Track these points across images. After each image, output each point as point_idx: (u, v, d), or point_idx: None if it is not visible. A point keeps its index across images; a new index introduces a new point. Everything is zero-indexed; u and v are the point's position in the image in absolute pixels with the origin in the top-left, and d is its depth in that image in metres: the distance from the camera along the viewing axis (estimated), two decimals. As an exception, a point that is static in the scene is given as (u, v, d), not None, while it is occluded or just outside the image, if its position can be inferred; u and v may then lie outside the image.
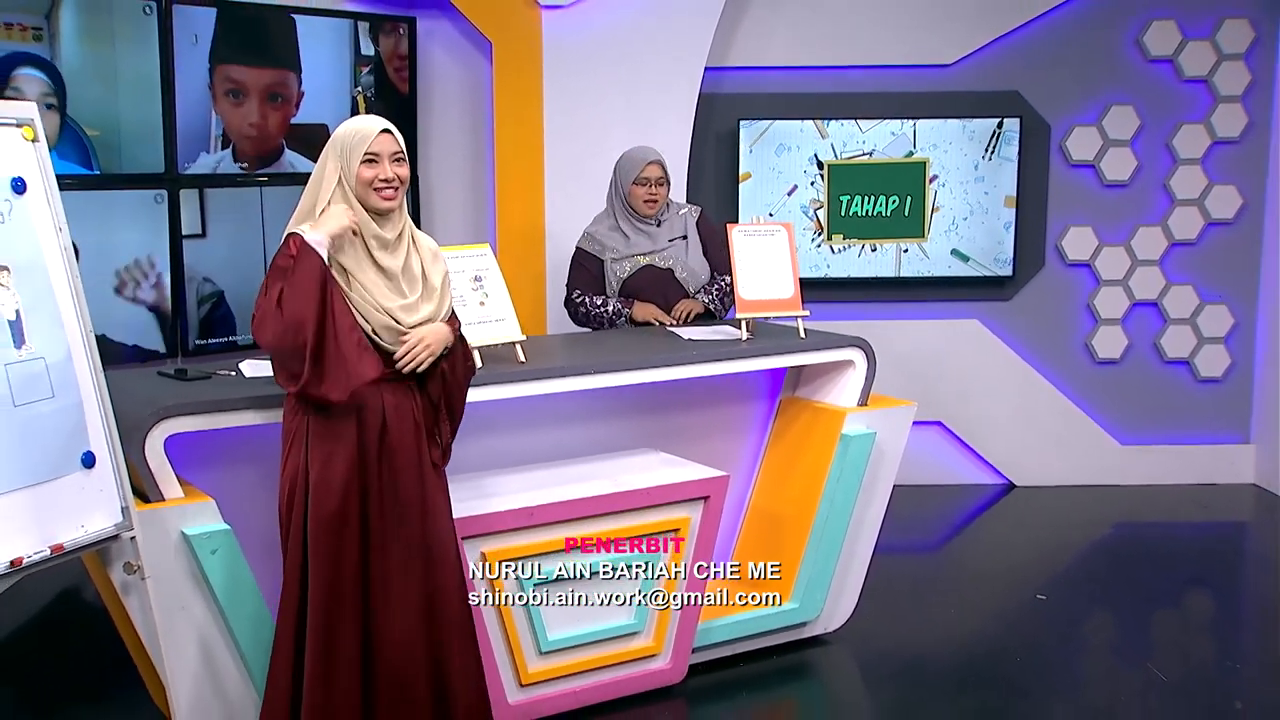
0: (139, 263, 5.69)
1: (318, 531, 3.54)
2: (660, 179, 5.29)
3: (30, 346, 3.41)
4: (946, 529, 6.62)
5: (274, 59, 6.07)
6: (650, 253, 5.29)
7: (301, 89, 6.19)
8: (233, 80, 5.94)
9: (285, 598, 3.60)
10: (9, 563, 3.28)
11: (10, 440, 3.31)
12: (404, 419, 3.66)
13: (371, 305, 3.55)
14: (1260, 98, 7.05)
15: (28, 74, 5.33)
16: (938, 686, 4.65)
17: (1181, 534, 6.55)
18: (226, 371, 4.13)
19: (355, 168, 3.56)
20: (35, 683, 4.86)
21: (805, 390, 5.10)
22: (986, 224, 7.00)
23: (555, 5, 6.43)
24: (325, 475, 3.54)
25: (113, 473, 3.55)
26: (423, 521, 3.70)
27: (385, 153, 3.58)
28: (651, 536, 4.39)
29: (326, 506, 3.54)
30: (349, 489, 3.57)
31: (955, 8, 6.90)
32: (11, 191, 3.45)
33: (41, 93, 5.34)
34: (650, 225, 5.33)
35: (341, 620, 3.59)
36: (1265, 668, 4.92)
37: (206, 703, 3.82)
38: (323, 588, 3.56)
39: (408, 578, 3.67)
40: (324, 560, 3.55)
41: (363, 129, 3.60)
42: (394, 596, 3.66)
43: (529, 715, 4.27)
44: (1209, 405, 7.30)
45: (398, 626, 3.67)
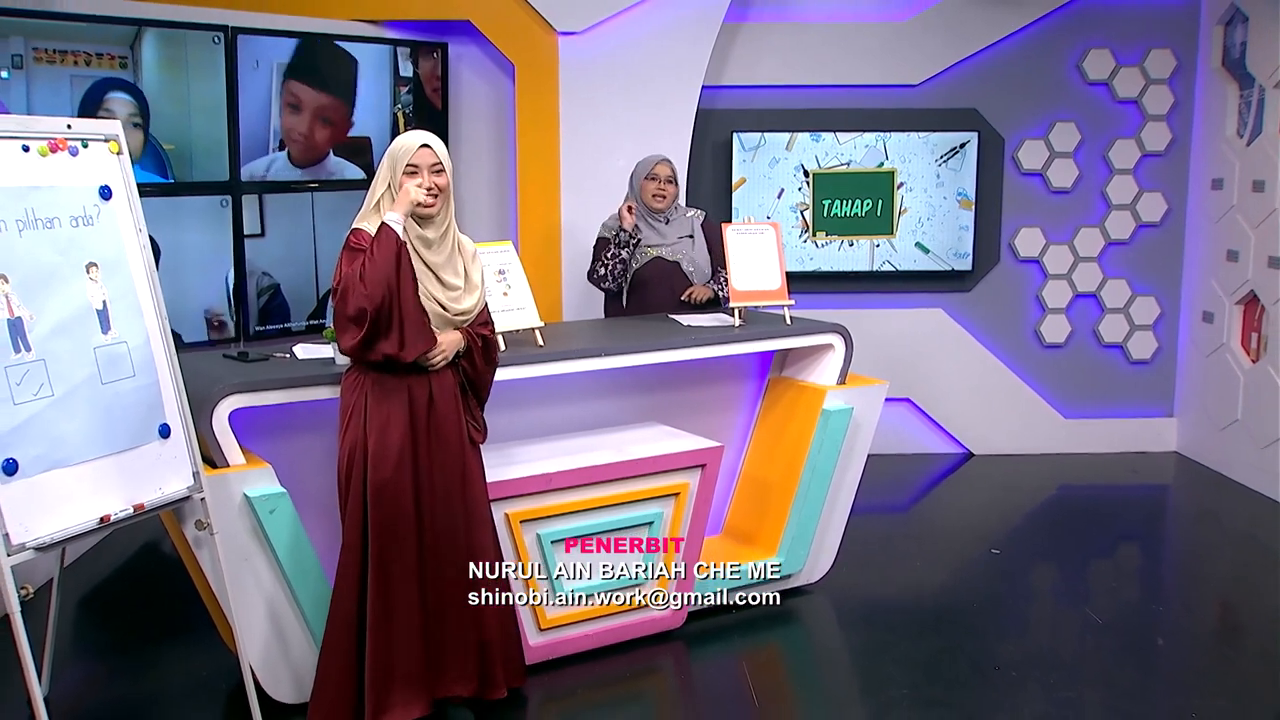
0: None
1: (377, 495, 3.56)
2: (669, 177, 5.28)
3: (115, 332, 3.43)
4: (914, 492, 6.61)
5: (333, 89, 6.07)
6: (659, 246, 5.28)
7: (352, 119, 6.18)
8: (295, 95, 5.94)
9: (346, 553, 3.60)
10: (99, 519, 3.31)
11: (99, 414, 3.34)
12: (448, 397, 3.68)
13: (423, 294, 3.57)
14: (1182, 117, 7.08)
15: (118, 97, 5.36)
16: (905, 629, 4.65)
17: (1115, 495, 6.55)
18: (282, 354, 4.14)
19: (399, 178, 3.58)
20: (122, 622, 4.89)
21: (791, 370, 5.09)
22: (947, 224, 6.99)
23: (570, 32, 6.41)
24: (382, 445, 3.56)
25: (185, 442, 3.57)
26: (464, 486, 3.72)
27: (424, 164, 3.59)
28: (655, 499, 4.41)
29: (383, 472, 3.55)
30: (403, 457, 3.58)
31: (921, 36, 6.89)
32: (100, 198, 3.47)
33: (129, 113, 5.38)
34: (660, 222, 5.31)
35: (402, 573, 3.61)
36: (1183, 609, 4.95)
37: (267, 640, 3.84)
38: (383, 545, 3.58)
39: (453, 536, 3.70)
40: (383, 520, 3.57)
41: (407, 144, 3.62)
42: (443, 552, 3.68)
43: (548, 655, 4.28)
44: (1139, 384, 7.31)
45: (447, 579, 3.70)
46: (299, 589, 3.82)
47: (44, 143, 3.32)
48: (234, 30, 5.68)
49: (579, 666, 4.30)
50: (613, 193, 5.84)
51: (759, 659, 4.51)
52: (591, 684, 4.22)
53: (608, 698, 4.18)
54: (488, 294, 4.30)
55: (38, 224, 3.26)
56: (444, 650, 3.73)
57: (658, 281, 5.26)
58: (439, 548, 3.68)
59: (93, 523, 3.29)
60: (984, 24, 6.89)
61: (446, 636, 3.73)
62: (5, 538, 3.05)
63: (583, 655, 4.34)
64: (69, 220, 3.35)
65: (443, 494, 3.68)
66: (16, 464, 3.09)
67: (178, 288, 5.51)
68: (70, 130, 3.42)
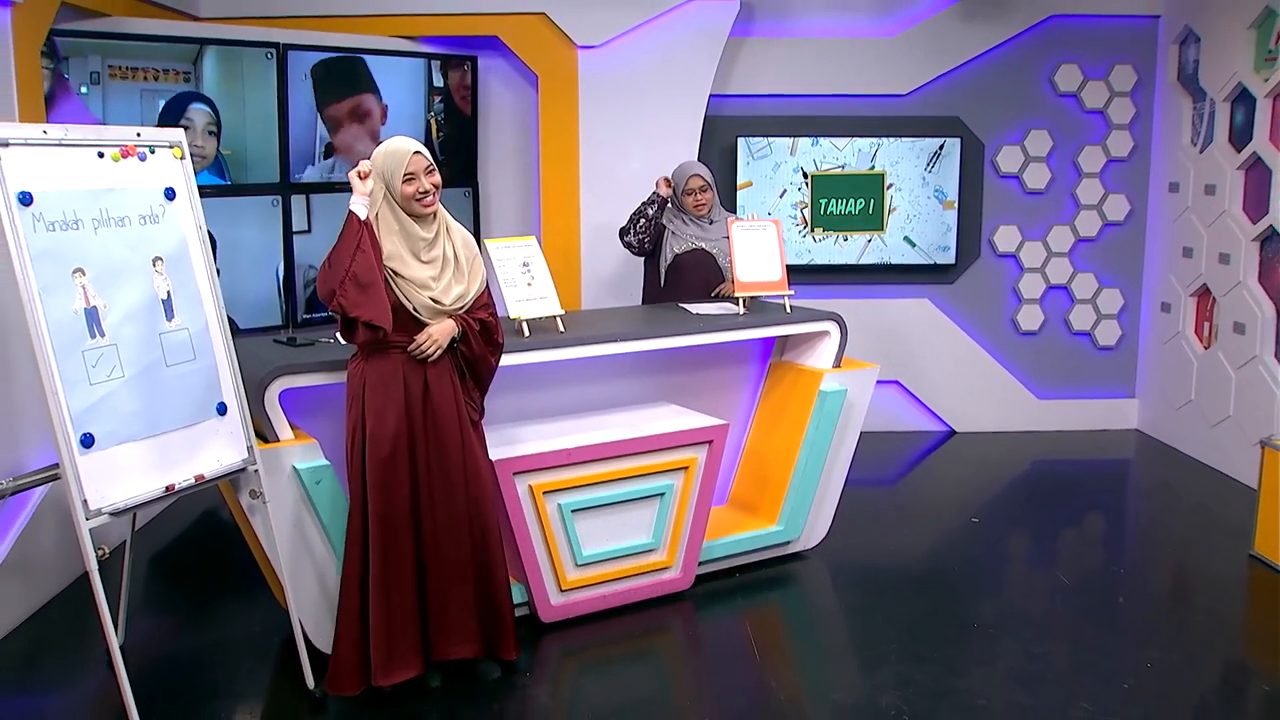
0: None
1: (374, 472, 3.54)
2: (702, 187, 5.32)
3: (178, 320, 3.45)
4: (902, 466, 6.60)
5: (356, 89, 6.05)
6: (702, 239, 5.32)
7: (384, 103, 6.15)
8: (332, 116, 5.94)
9: (351, 525, 3.61)
10: (164, 488, 3.33)
11: (164, 393, 3.36)
12: (443, 381, 3.63)
13: (414, 288, 3.53)
14: (1143, 126, 7.06)
15: (198, 108, 5.44)
16: (893, 590, 4.65)
17: (1082, 469, 6.53)
18: (327, 339, 4.14)
19: (399, 186, 3.51)
20: (187, 580, 4.92)
21: (790, 355, 5.09)
22: (932, 222, 6.98)
23: (589, 46, 6.39)
24: (378, 428, 3.54)
25: (240, 419, 3.59)
26: (464, 459, 3.67)
27: (419, 169, 3.53)
28: (666, 472, 4.41)
29: (380, 452, 3.54)
30: (398, 438, 3.56)
31: (909, 50, 6.87)
32: (165, 198, 3.48)
33: (206, 123, 5.44)
34: (705, 223, 5.35)
35: (397, 541, 3.60)
36: (1140, 570, 4.94)
37: (314, 597, 3.86)
38: (379, 516, 3.56)
39: (453, 504, 3.66)
40: (379, 495, 3.56)
41: (398, 152, 3.53)
42: (440, 520, 3.66)
43: (567, 614, 4.29)
44: (1104, 368, 7.29)
45: (445, 543, 3.67)
46: (340, 551, 3.83)
47: (116, 149, 3.35)
48: (285, 47, 5.68)
49: (595, 625, 4.31)
50: (628, 192, 5.86)
51: (761, 618, 4.52)
52: (607, 641, 4.23)
53: (622, 653, 4.18)
54: (511, 284, 4.30)
55: (111, 222, 3.28)
56: (446, 614, 3.71)
57: (694, 269, 5.29)
58: (435, 518, 3.64)
59: (159, 491, 3.31)
60: (966, 40, 6.87)
61: (449, 602, 3.70)
62: (84, 503, 3.09)
63: (599, 615, 4.36)
64: (138, 219, 3.37)
65: (441, 475, 3.64)
66: (93, 438, 3.12)
67: (233, 279, 5.54)
68: (139, 138, 3.44)
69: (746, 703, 3.73)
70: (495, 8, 6.33)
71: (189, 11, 6.02)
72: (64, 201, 3.16)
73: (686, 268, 5.30)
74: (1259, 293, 6.01)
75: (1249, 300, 6.05)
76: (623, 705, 3.73)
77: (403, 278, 3.53)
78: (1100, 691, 3.76)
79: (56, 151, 3.19)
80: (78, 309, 3.14)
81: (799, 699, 3.77)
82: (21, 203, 3.06)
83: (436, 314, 3.57)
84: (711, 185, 5.36)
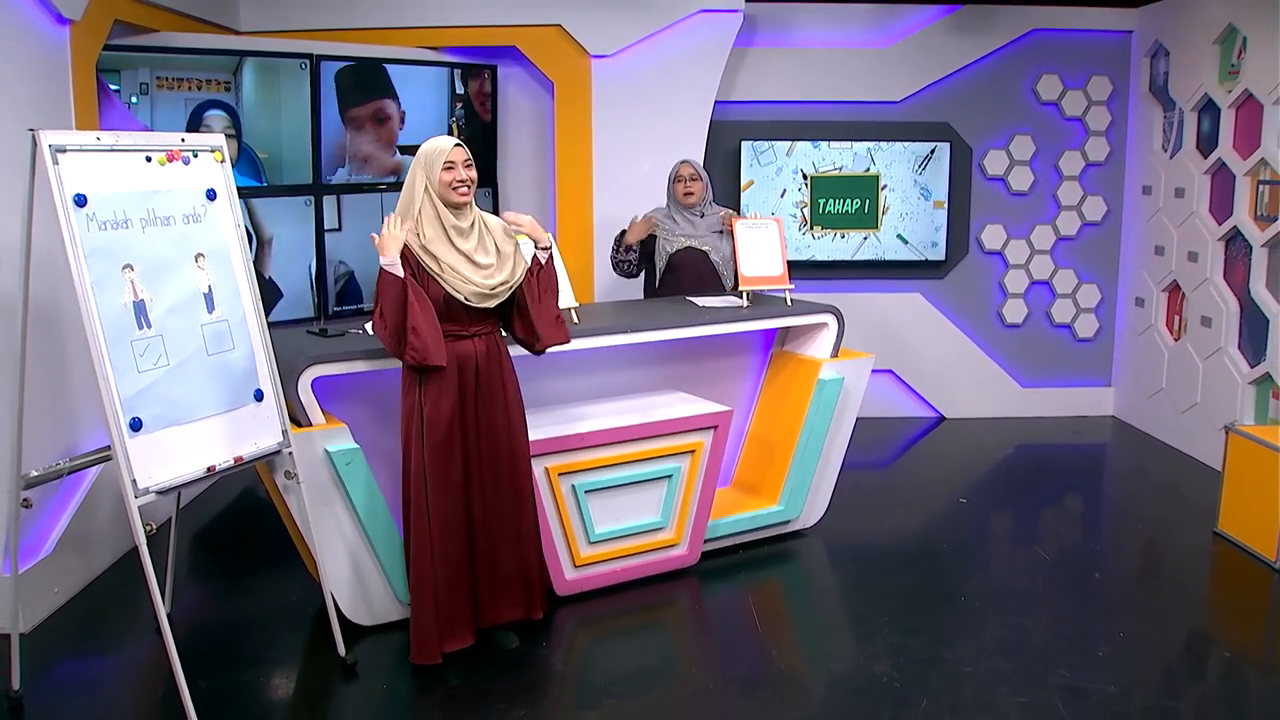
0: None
1: (432, 454, 3.57)
2: (693, 175, 5.23)
3: (218, 312, 3.45)
4: (895, 450, 6.59)
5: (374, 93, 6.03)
6: (692, 237, 5.24)
7: (402, 109, 6.13)
8: (353, 119, 5.92)
9: (415, 505, 3.62)
10: (206, 468, 3.34)
11: (206, 380, 3.37)
12: (493, 363, 3.67)
13: (460, 279, 3.55)
14: (1118, 133, 7.05)
15: (214, 114, 5.41)
16: (887, 567, 4.65)
17: (1062, 453, 6.52)
18: (356, 331, 4.13)
19: (438, 174, 3.55)
20: (227, 555, 4.94)
21: (791, 345, 5.07)
22: (923, 221, 6.96)
23: (602, 55, 6.37)
24: (435, 413, 3.57)
25: (275, 405, 3.60)
26: (509, 440, 3.73)
27: (459, 160, 3.58)
28: (674, 455, 4.41)
29: (435, 436, 3.57)
30: (453, 422, 3.59)
31: (902, 60, 6.85)
32: (206, 199, 3.49)
33: (223, 126, 5.41)
34: (695, 216, 5.26)
35: (453, 520, 3.65)
36: (1115, 547, 4.93)
37: (345, 571, 3.88)
38: (438, 494, 3.60)
39: (499, 482, 3.71)
40: (437, 475, 3.59)
41: (441, 145, 3.60)
42: (489, 498, 3.71)
43: (581, 588, 4.30)
44: (1083, 358, 7.27)
45: (493, 518, 3.73)
46: (370, 529, 3.86)
47: (162, 154, 3.37)
48: (317, 58, 5.68)
49: (607, 598, 4.32)
50: (638, 192, 5.85)
51: (762, 592, 4.52)
52: (617, 613, 4.23)
53: (632, 624, 4.19)
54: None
55: (157, 222, 3.29)
56: (496, 582, 3.76)
57: (687, 268, 5.22)
58: (485, 495, 3.69)
59: (201, 471, 3.32)
60: (955, 51, 6.85)
61: (499, 571, 3.76)
62: (133, 483, 3.10)
63: (610, 589, 4.37)
64: (182, 218, 3.38)
65: (490, 448, 3.69)
66: (141, 422, 3.13)
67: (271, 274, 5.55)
68: (183, 144, 3.46)
69: (749, 671, 3.73)
70: (514, 20, 6.31)
71: (230, 26, 6.01)
72: (115, 202, 3.18)
73: (680, 267, 5.23)
74: (1224, 289, 6.03)
75: (1215, 296, 6.06)
76: (632, 672, 3.74)
77: (446, 265, 3.55)
78: (1077, 659, 3.76)
79: (108, 156, 3.21)
80: (127, 302, 3.15)
81: (798, 667, 3.78)
82: (77, 204, 3.07)
83: (485, 299, 3.59)
84: (701, 175, 5.26)
